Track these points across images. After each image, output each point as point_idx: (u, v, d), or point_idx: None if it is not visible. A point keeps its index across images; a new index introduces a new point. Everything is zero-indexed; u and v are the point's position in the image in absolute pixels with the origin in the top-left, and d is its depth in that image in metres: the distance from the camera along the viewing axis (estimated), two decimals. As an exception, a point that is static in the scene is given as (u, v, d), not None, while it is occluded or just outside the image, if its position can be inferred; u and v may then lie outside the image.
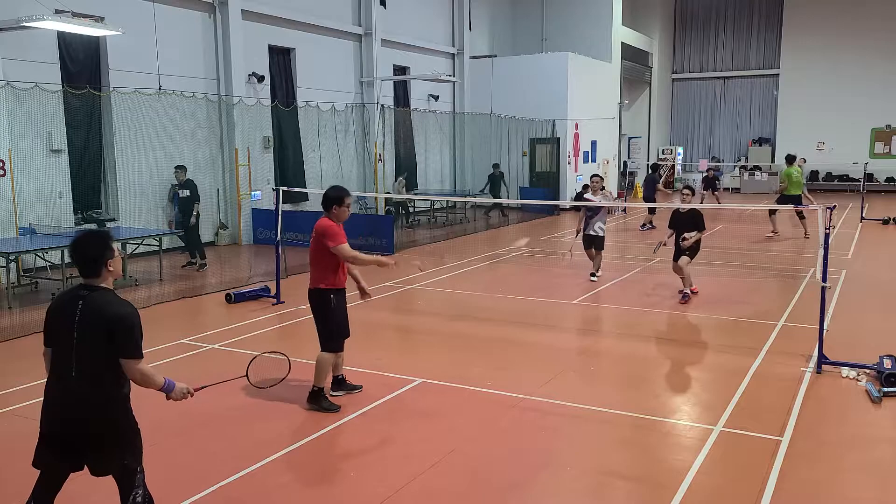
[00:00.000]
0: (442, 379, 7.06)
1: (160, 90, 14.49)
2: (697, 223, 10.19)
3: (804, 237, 16.49)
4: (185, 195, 13.06)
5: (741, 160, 33.64)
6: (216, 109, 16.10)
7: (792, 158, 16.93)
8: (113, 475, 3.78)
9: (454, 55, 24.80)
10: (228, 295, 10.56)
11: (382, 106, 20.38)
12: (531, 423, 6.07)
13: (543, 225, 20.52)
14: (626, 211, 22.93)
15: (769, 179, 29.75)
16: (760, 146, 33.25)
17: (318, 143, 18.62)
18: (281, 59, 18.08)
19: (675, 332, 9.21)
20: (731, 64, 34.25)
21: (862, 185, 23.12)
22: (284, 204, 11.27)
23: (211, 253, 14.33)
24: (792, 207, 14.12)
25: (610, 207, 14.74)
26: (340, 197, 6.24)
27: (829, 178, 31.85)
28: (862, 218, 19.97)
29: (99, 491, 4.23)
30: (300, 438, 5.69)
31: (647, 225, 18.67)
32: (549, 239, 17.55)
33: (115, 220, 14.16)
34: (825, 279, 7.17)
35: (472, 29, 25.21)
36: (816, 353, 7.30)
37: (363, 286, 6.66)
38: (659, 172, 25.48)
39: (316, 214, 6.41)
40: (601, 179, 12.27)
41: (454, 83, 23.64)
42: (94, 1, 13.03)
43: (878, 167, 29.87)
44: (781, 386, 6.80)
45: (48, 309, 3.80)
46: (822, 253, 7.17)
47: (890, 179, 30.85)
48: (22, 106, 12.32)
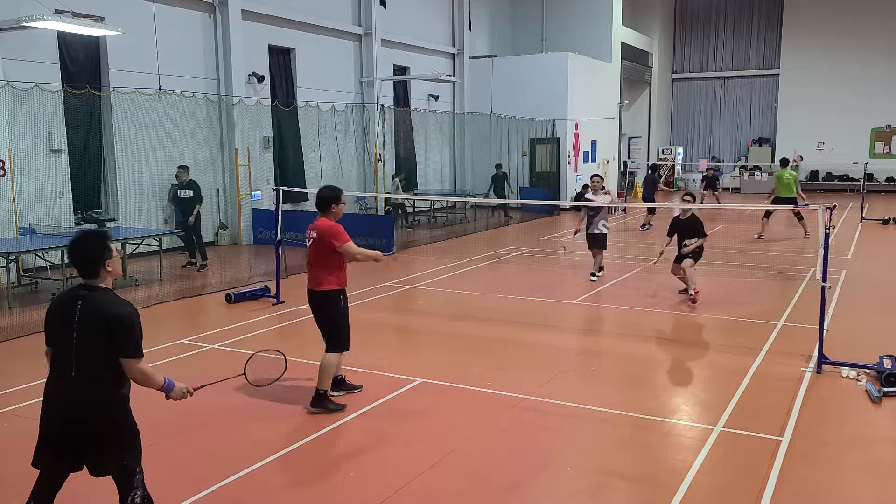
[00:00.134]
0: (442, 379, 7.06)
1: (160, 90, 14.49)
2: (698, 230, 10.13)
3: (804, 237, 16.49)
4: (187, 195, 13.04)
5: (741, 160, 33.63)
6: (216, 109, 16.10)
7: (786, 162, 16.94)
8: (112, 476, 3.78)
9: (454, 55, 24.79)
10: (228, 295, 10.56)
11: (382, 106, 20.38)
12: (531, 423, 6.07)
13: (543, 225, 20.52)
14: (626, 211, 22.93)
15: (769, 180, 29.68)
16: (760, 146, 33.24)
17: (318, 143, 18.62)
18: (281, 59, 18.08)
19: (674, 332, 9.21)
20: (731, 64, 34.24)
21: (862, 185, 23.12)
22: (284, 204, 11.27)
23: (211, 253, 14.33)
24: (789, 208, 14.09)
25: (610, 207, 14.72)
26: (337, 195, 6.29)
27: (829, 178, 31.84)
28: (862, 218, 19.97)
29: (98, 491, 4.23)
30: (300, 438, 5.69)
31: (646, 225, 18.70)
32: (549, 239, 17.55)
33: (115, 220, 14.16)
34: (825, 279, 7.17)
35: (472, 29, 25.20)
36: (816, 353, 7.30)
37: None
38: (659, 172, 25.49)
39: (317, 214, 6.40)
40: (601, 179, 12.27)
41: (454, 83, 23.64)
42: (94, 1, 13.03)
43: (878, 167, 29.86)
44: (781, 386, 6.80)
45: (48, 309, 3.81)
46: (822, 253, 7.17)
47: (890, 179, 30.84)
48: (22, 106, 12.32)
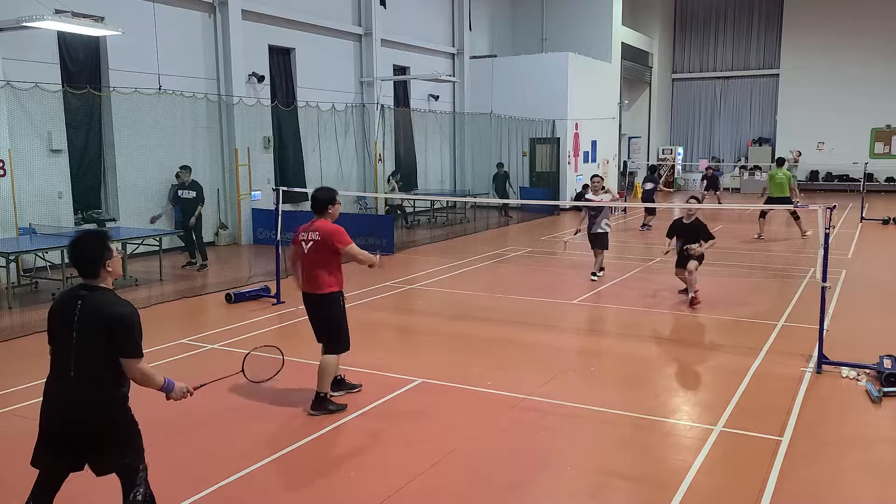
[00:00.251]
0: (442, 379, 7.06)
1: (160, 90, 14.50)
2: (704, 234, 10.01)
3: (801, 237, 16.47)
4: (189, 196, 13.01)
5: (741, 160, 33.63)
6: (216, 109, 16.10)
7: (781, 161, 16.91)
8: (116, 474, 3.79)
9: (454, 55, 24.79)
10: (228, 295, 10.56)
11: (382, 106, 20.38)
12: (531, 423, 6.07)
13: (543, 225, 20.52)
14: (626, 211, 22.93)
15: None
16: (760, 146, 33.23)
17: (318, 143, 18.61)
18: (281, 59, 18.08)
19: (675, 332, 9.21)
20: (731, 64, 34.23)
21: (862, 185, 23.10)
22: (284, 204, 11.28)
23: (211, 253, 14.32)
24: (782, 208, 14.04)
25: (612, 207, 14.70)
26: (332, 197, 6.27)
27: (829, 178, 31.84)
28: (862, 218, 19.97)
29: (98, 491, 4.23)
30: (300, 438, 5.69)
31: (646, 226, 18.72)
32: (549, 239, 17.55)
33: (115, 220, 14.16)
34: (825, 279, 7.17)
35: (472, 29, 25.20)
36: (816, 353, 7.30)
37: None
38: (659, 172, 25.48)
39: (311, 216, 6.35)
40: (601, 179, 12.29)
41: (454, 83, 23.64)
42: (94, 1, 13.03)
43: (878, 167, 29.84)
44: (781, 386, 6.80)
45: (49, 309, 3.82)
46: (822, 253, 7.17)
47: (890, 179, 30.84)
48: (22, 106, 12.32)
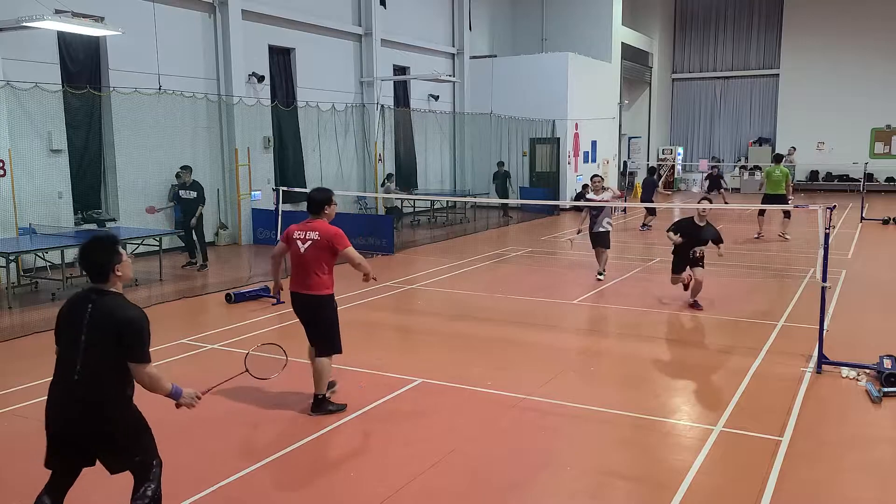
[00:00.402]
0: (442, 379, 7.06)
1: (160, 90, 14.49)
2: (716, 237, 9.84)
3: (779, 235, 16.35)
4: (190, 196, 13.00)
5: (741, 160, 33.63)
6: (216, 109, 16.10)
7: (779, 158, 16.88)
8: (129, 471, 3.81)
9: (454, 55, 24.79)
10: (228, 295, 10.56)
11: (382, 106, 20.38)
12: (531, 423, 6.07)
13: (543, 225, 20.52)
14: (626, 211, 22.93)
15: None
16: (760, 146, 33.21)
17: (318, 143, 18.61)
18: (281, 59, 18.08)
19: (674, 332, 9.21)
20: (731, 64, 34.23)
21: (862, 185, 23.10)
22: (284, 204, 11.28)
23: (211, 253, 14.32)
24: (781, 207, 14.04)
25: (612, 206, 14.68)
26: (329, 197, 6.26)
27: (829, 178, 31.84)
28: (862, 218, 19.96)
29: (97, 491, 4.23)
30: (300, 438, 5.68)
31: (646, 226, 18.72)
32: (549, 239, 17.55)
33: (115, 220, 14.16)
34: (825, 279, 7.17)
35: (472, 29, 25.20)
36: (816, 353, 7.29)
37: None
38: (659, 173, 25.47)
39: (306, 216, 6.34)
40: (602, 179, 12.29)
41: (454, 83, 23.63)
42: (94, 1, 13.03)
43: (878, 167, 29.84)
44: (781, 386, 6.80)
45: (59, 311, 3.85)
46: (822, 253, 7.17)
47: (890, 179, 30.84)
48: (22, 106, 12.32)
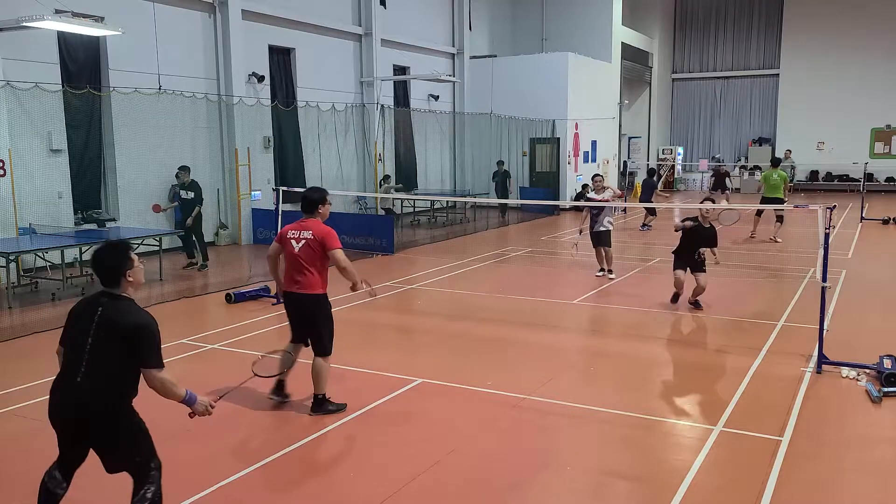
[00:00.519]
0: (442, 379, 7.06)
1: (160, 90, 14.49)
2: (714, 241, 9.88)
3: (770, 238, 16.15)
4: (188, 196, 13.02)
5: (741, 160, 33.63)
6: (216, 109, 16.10)
7: (777, 162, 16.89)
8: (127, 472, 3.81)
9: (454, 55, 24.79)
10: (228, 295, 10.56)
11: (382, 106, 20.38)
12: (531, 423, 6.06)
13: (543, 225, 20.52)
14: (626, 211, 22.93)
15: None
16: (760, 146, 33.21)
17: (318, 143, 18.62)
18: (281, 59, 18.08)
19: (674, 332, 9.20)
20: (731, 64, 34.22)
21: (862, 185, 23.11)
22: (284, 204, 11.26)
23: (211, 253, 14.31)
24: (780, 208, 14.02)
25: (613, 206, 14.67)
26: (323, 196, 6.21)
27: (829, 178, 31.83)
28: (862, 218, 19.96)
29: (97, 492, 4.24)
30: (300, 438, 5.68)
31: (647, 225, 18.73)
32: (549, 239, 17.55)
33: (115, 220, 14.17)
34: (825, 279, 7.17)
35: (472, 29, 25.20)
36: (816, 353, 7.29)
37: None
38: (659, 173, 25.49)
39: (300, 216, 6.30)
40: (603, 179, 12.30)
41: (454, 83, 23.63)
42: (94, 1, 13.03)
43: (878, 167, 29.83)
44: (781, 386, 6.80)
45: (69, 311, 3.87)
46: (822, 253, 7.17)
47: (890, 179, 30.83)
48: (22, 106, 12.32)
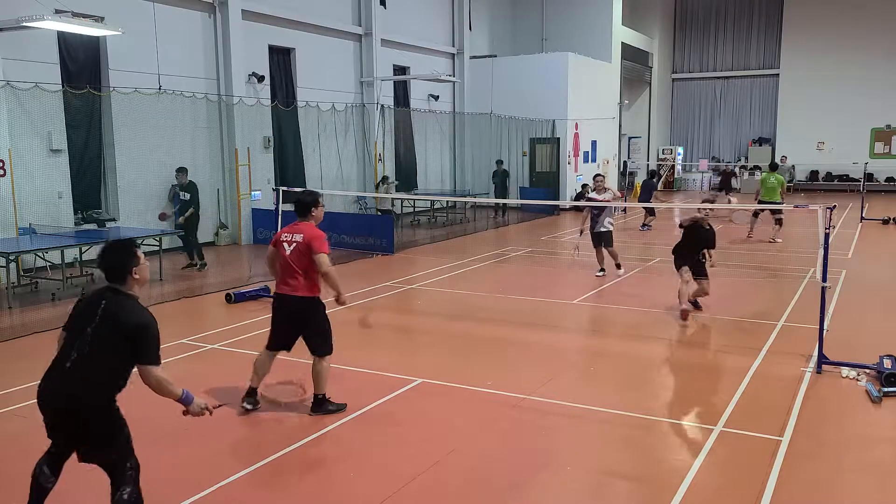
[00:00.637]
0: (442, 379, 7.06)
1: (160, 90, 14.49)
2: (713, 243, 9.79)
3: (769, 240, 16.10)
4: (185, 198, 13.05)
5: (741, 160, 33.64)
6: (216, 109, 16.09)
7: (775, 166, 16.90)
8: (101, 467, 3.81)
9: (454, 55, 24.79)
10: (228, 295, 10.56)
11: (382, 106, 20.38)
12: (531, 423, 6.07)
13: (543, 225, 20.52)
14: (625, 211, 22.94)
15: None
16: (760, 146, 33.23)
17: (318, 143, 18.62)
18: (281, 59, 18.08)
19: (675, 332, 9.19)
20: (731, 64, 34.23)
21: (862, 185, 23.12)
22: (284, 204, 11.25)
23: (211, 253, 14.33)
24: (779, 207, 14.01)
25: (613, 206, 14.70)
26: (316, 199, 6.21)
27: (829, 178, 31.84)
28: (862, 218, 19.97)
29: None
30: (300, 438, 5.68)
31: (647, 225, 18.74)
32: (549, 239, 17.55)
33: (115, 220, 14.16)
34: (825, 279, 7.17)
35: (472, 29, 25.21)
36: (816, 353, 7.29)
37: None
38: (658, 174, 25.50)
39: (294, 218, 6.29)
40: (603, 178, 12.31)
41: (454, 83, 23.63)
42: (94, 1, 13.02)
43: (878, 167, 29.84)
44: (781, 386, 6.80)
45: (77, 300, 3.96)
46: (822, 253, 7.17)
47: (890, 179, 30.84)
48: (22, 106, 12.32)
